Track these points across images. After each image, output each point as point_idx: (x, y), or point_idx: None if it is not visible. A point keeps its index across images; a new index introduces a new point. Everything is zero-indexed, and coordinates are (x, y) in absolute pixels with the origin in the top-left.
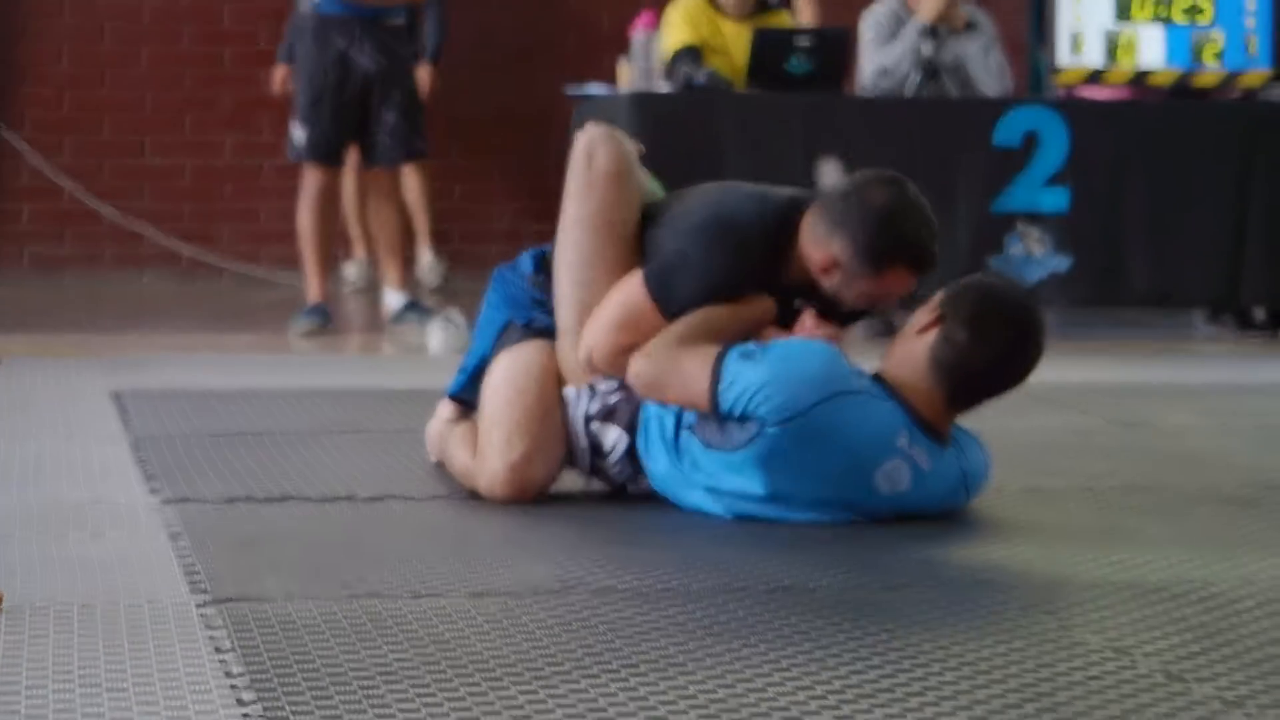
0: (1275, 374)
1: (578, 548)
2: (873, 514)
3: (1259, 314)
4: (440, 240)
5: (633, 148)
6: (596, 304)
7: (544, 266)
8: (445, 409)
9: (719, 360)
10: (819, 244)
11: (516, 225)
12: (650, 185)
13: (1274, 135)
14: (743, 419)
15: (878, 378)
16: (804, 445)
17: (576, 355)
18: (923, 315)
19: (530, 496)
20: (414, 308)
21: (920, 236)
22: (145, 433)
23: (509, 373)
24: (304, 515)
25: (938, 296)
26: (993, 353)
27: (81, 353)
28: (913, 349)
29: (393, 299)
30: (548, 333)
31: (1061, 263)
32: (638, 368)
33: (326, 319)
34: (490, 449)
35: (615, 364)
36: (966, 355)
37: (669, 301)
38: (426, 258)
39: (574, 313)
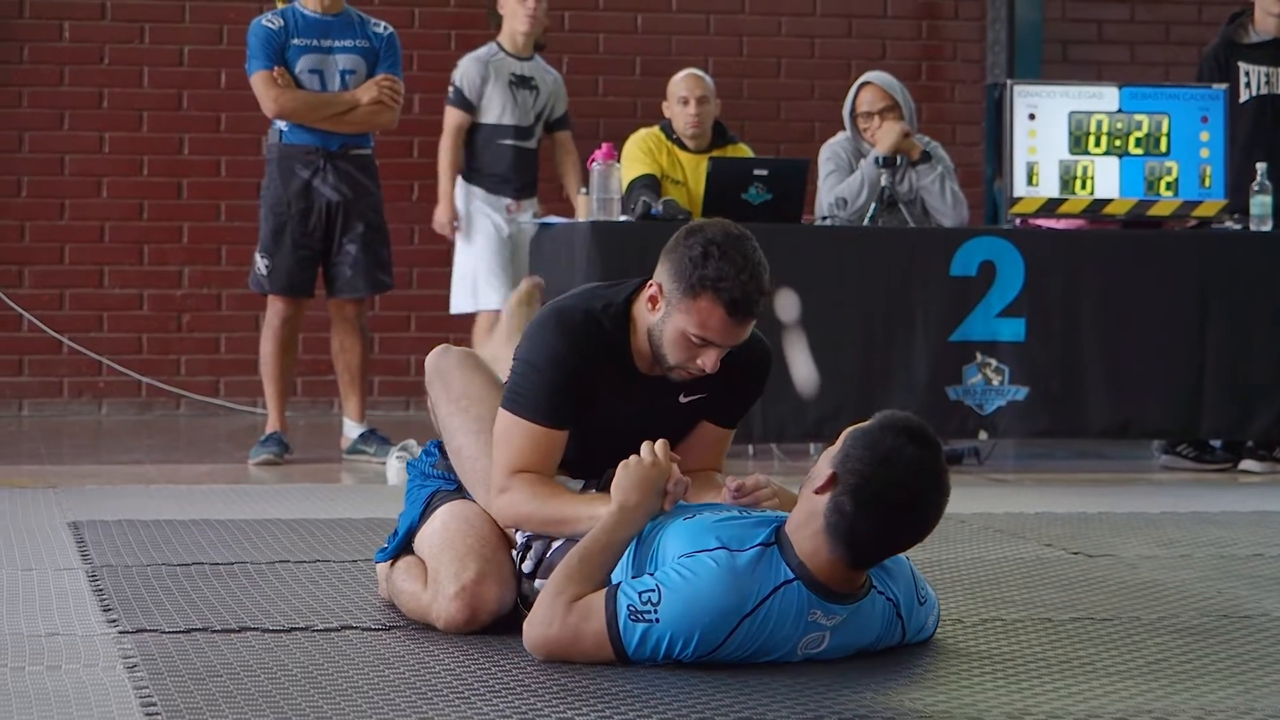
0: (1234, 504)
1: (535, 680)
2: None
3: (1217, 444)
4: None
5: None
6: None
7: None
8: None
9: (610, 626)
10: (652, 283)
11: None
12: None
13: (1230, 265)
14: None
15: (781, 537)
16: (725, 655)
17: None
18: (823, 466)
19: (483, 620)
20: (371, 438)
21: (737, 272)
22: (103, 563)
23: (455, 514)
24: (262, 646)
25: (836, 446)
26: (884, 523)
27: (39, 483)
28: (811, 510)
29: (350, 429)
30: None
31: (1019, 393)
32: (537, 636)
33: (285, 449)
34: (443, 571)
35: (512, 490)
36: (858, 525)
37: (524, 407)
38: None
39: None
